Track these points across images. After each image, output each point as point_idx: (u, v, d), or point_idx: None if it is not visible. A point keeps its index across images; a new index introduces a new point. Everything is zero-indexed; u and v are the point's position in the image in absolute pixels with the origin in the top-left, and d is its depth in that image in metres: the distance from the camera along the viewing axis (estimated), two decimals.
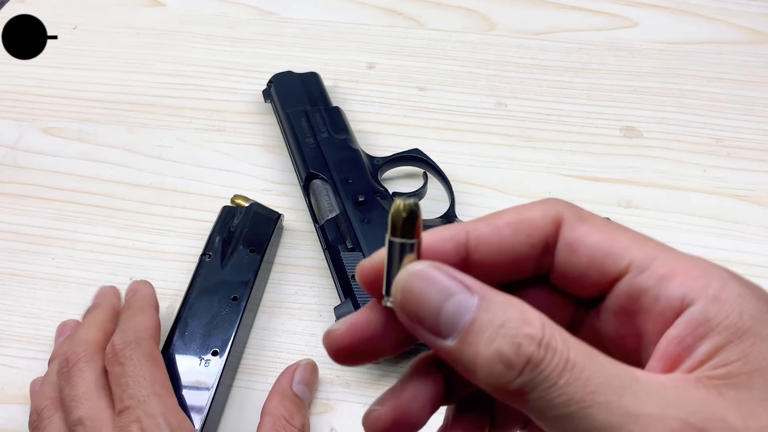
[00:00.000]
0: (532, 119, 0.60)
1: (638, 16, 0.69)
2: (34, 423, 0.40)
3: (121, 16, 0.71)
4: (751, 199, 0.54)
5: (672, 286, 0.23)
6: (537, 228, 0.25)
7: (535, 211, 0.25)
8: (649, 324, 0.23)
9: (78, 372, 0.40)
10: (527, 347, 0.20)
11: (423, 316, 0.22)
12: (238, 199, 0.52)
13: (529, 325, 0.21)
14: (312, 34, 0.68)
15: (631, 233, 0.25)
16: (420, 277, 0.22)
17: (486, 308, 0.21)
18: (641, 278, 0.23)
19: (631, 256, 0.24)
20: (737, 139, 0.58)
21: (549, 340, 0.20)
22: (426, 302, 0.22)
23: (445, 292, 0.22)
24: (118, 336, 0.41)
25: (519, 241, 0.25)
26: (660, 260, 0.23)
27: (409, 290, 0.22)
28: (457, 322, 0.21)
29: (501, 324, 0.21)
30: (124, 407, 0.38)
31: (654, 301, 0.23)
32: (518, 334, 0.20)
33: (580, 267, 0.25)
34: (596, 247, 0.24)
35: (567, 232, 0.25)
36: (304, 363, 0.44)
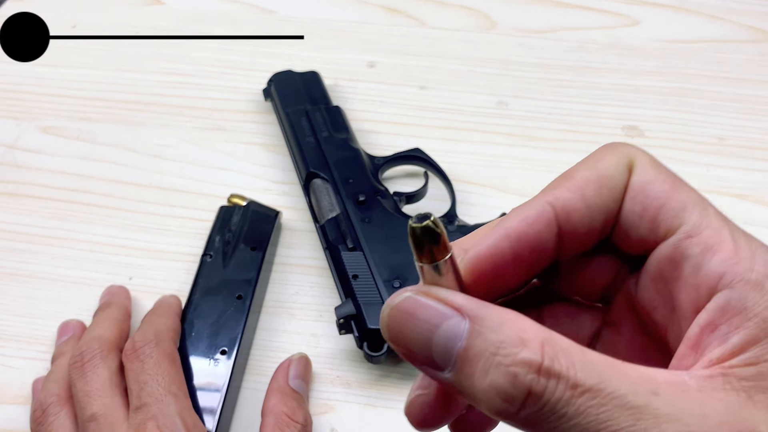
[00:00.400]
0: (534, 118, 0.60)
1: (640, 14, 0.69)
2: (38, 419, 0.40)
3: (120, 14, 0.70)
4: (753, 199, 0.54)
5: (714, 261, 0.21)
6: (616, 180, 0.23)
7: (608, 161, 0.23)
8: (683, 296, 0.21)
9: (93, 368, 0.40)
10: (524, 377, 0.18)
11: (414, 350, 0.20)
12: (235, 198, 0.52)
13: (525, 346, 0.18)
14: (312, 32, 0.68)
15: (694, 193, 0.23)
16: (402, 310, 0.20)
17: (478, 333, 0.19)
18: (687, 243, 0.21)
19: (685, 217, 0.22)
20: (740, 138, 0.58)
21: (550, 364, 0.18)
22: (414, 335, 0.20)
23: (433, 320, 0.20)
24: (139, 334, 0.41)
25: (603, 198, 0.23)
26: (713, 229, 0.21)
27: (393, 326, 0.20)
28: (450, 351, 0.19)
29: (494, 351, 0.18)
30: (142, 404, 0.38)
31: (693, 272, 0.21)
32: (513, 362, 0.18)
33: (632, 216, 0.23)
34: (654, 197, 0.22)
35: (636, 177, 0.23)
36: (296, 357, 0.44)
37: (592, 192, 0.22)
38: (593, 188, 0.22)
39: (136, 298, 0.48)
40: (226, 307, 0.45)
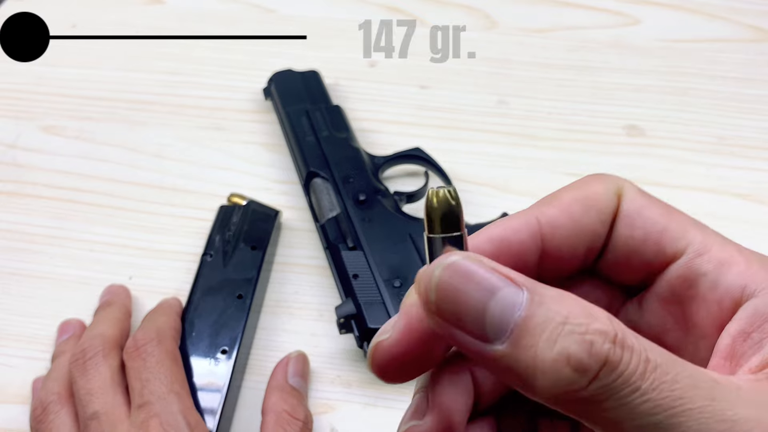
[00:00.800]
0: (535, 117, 0.60)
1: (641, 13, 0.69)
2: (38, 417, 0.40)
3: (120, 13, 0.70)
4: (753, 198, 0.54)
5: (732, 274, 0.21)
6: (604, 203, 0.23)
7: (597, 186, 0.23)
8: (701, 313, 0.22)
9: (94, 366, 0.40)
10: (601, 345, 0.17)
11: (464, 317, 0.18)
12: (235, 198, 0.52)
13: (596, 320, 0.17)
14: (312, 31, 0.67)
15: (688, 216, 0.23)
16: (457, 271, 0.19)
17: (539, 303, 0.18)
18: (699, 261, 0.22)
19: (690, 237, 0.22)
20: (740, 138, 0.58)
21: (624, 337, 0.17)
22: (466, 301, 0.18)
23: (488, 287, 0.18)
24: (141, 332, 0.41)
25: (590, 219, 0.22)
26: (720, 246, 0.22)
27: (445, 287, 0.19)
28: (507, 321, 0.18)
29: (563, 320, 0.17)
30: (144, 402, 0.38)
31: (711, 287, 0.21)
32: (588, 331, 0.17)
33: (633, 242, 0.23)
34: (654, 222, 0.22)
35: (627, 204, 0.23)
36: (294, 355, 0.44)
37: (579, 211, 0.22)
38: (580, 208, 0.23)
39: (136, 297, 0.48)
40: (226, 307, 0.45)
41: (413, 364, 0.21)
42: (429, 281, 0.19)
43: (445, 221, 0.20)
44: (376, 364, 0.21)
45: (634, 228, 0.22)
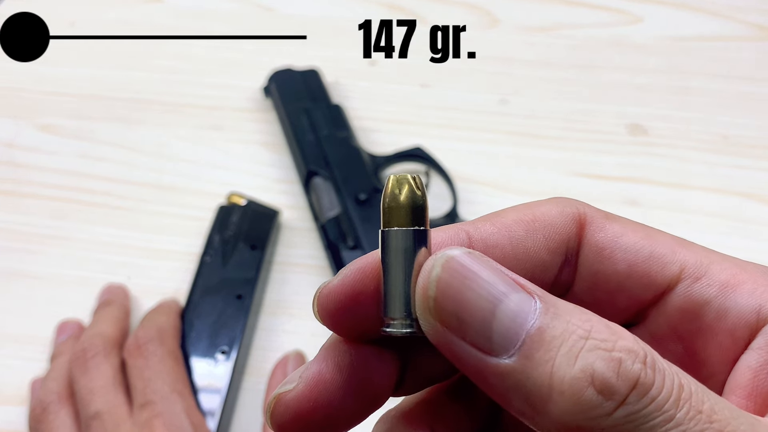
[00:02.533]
0: (536, 116, 0.59)
1: (643, 11, 0.68)
2: (38, 417, 0.39)
3: (119, 12, 0.70)
4: (757, 197, 0.53)
5: (742, 296, 0.18)
6: (555, 227, 0.19)
7: (549, 208, 0.20)
8: (710, 348, 0.19)
9: (96, 365, 0.40)
10: (631, 365, 0.14)
11: (468, 322, 0.16)
12: (234, 197, 0.51)
13: (622, 337, 0.15)
14: (312, 30, 0.67)
15: (669, 234, 0.20)
16: (460, 269, 0.16)
17: (555, 313, 0.15)
18: (699, 287, 0.18)
19: (682, 259, 0.19)
20: (744, 137, 0.57)
21: (654, 359, 0.15)
22: (471, 303, 0.16)
23: (495, 291, 0.16)
24: (142, 331, 0.41)
25: (535, 244, 0.19)
26: (717, 264, 0.19)
27: (448, 287, 0.16)
28: (518, 331, 0.15)
29: (584, 334, 0.15)
30: (147, 401, 0.37)
31: (719, 316, 0.18)
32: (615, 347, 0.15)
33: (616, 277, 0.19)
34: (637, 250, 0.19)
35: (594, 234, 0.19)
36: (293, 355, 0.44)
37: (521, 233, 0.19)
38: (523, 229, 0.19)
39: (135, 297, 0.48)
40: (225, 307, 0.45)
41: (324, 425, 0.18)
42: (429, 271, 0.16)
43: (408, 215, 0.17)
44: (276, 423, 0.18)
45: (615, 262, 0.19)
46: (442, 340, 0.16)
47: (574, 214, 0.20)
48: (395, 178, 0.17)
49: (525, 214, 0.20)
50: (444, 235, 0.19)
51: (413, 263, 0.17)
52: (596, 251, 0.19)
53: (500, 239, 0.19)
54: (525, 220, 0.19)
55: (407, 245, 0.17)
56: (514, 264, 0.19)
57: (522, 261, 0.19)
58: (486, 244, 0.19)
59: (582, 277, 0.20)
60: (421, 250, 0.17)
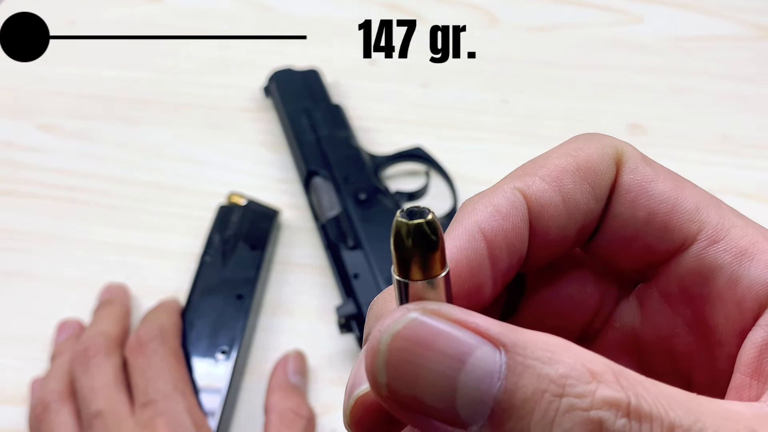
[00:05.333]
0: (537, 116, 0.59)
1: (643, 11, 0.68)
2: (39, 416, 0.39)
3: (119, 11, 0.70)
4: (758, 198, 0.53)
5: (756, 267, 0.17)
6: (599, 173, 0.18)
7: (591, 151, 0.18)
8: (718, 316, 0.18)
9: (98, 363, 0.39)
10: (613, 424, 0.13)
11: (428, 400, 0.14)
12: (234, 197, 0.51)
13: (600, 381, 0.13)
14: (312, 29, 0.67)
15: (701, 190, 0.19)
16: (411, 340, 0.14)
17: (522, 367, 0.13)
18: (715, 250, 0.17)
19: (704, 218, 0.18)
20: (744, 137, 0.57)
21: (638, 403, 0.13)
22: (430, 378, 0.14)
23: (457, 353, 0.14)
24: (143, 329, 0.41)
25: (584, 195, 0.18)
26: (739, 229, 0.18)
27: (399, 366, 0.14)
28: (484, 397, 0.13)
29: (558, 390, 0.13)
30: (149, 400, 0.37)
31: (730, 284, 0.17)
32: (593, 403, 0.13)
33: (634, 223, 0.18)
34: (661, 199, 0.18)
35: (628, 176, 0.18)
36: (293, 354, 0.44)
37: (570, 185, 0.18)
38: (572, 180, 0.18)
39: (135, 297, 0.48)
40: (225, 307, 0.45)
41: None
42: (375, 356, 0.14)
43: (421, 262, 0.15)
44: (357, 425, 0.17)
45: (637, 207, 0.18)
46: (405, 419, 0.15)
47: (614, 154, 0.19)
48: (402, 223, 0.15)
49: (568, 162, 0.18)
50: (505, 201, 0.18)
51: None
52: (625, 194, 0.18)
53: (553, 196, 0.18)
54: (570, 170, 0.18)
55: (417, 294, 0.15)
56: (567, 220, 0.18)
57: (573, 215, 0.18)
58: (541, 204, 0.18)
59: (609, 218, 0.19)
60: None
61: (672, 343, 0.19)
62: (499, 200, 0.18)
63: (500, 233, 0.18)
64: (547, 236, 0.18)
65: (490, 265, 0.18)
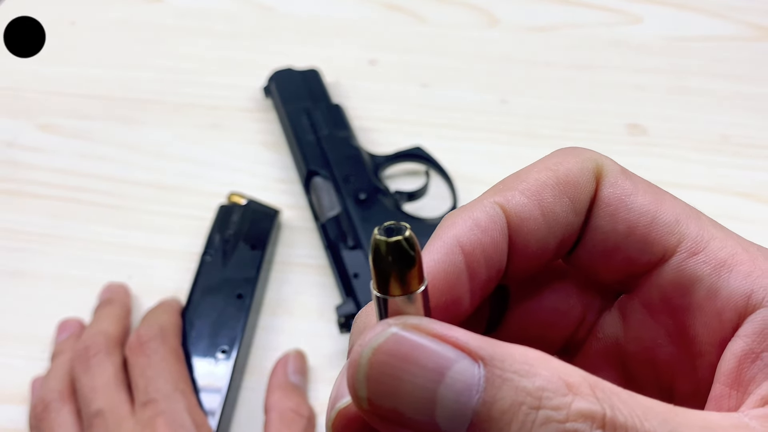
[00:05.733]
0: (536, 116, 0.59)
1: (643, 11, 0.69)
2: (39, 415, 0.39)
3: (119, 11, 0.70)
4: (757, 198, 0.53)
5: (735, 278, 0.17)
6: (579, 187, 0.19)
7: (571, 166, 0.19)
8: (698, 327, 0.18)
9: (98, 362, 0.40)
10: None
11: (408, 413, 0.14)
12: (235, 197, 0.51)
13: (576, 393, 0.13)
14: (312, 29, 0.67)
15: (681, 202, 0.19)
16: (392, 354, 0.14)
17: (501, 380, 0.14)
18: (694, 262, 0.18)
19: (684, 230, 0.18)
20: (743, 137, 0.57)
21: (613, 415, 0.13)
22: (411, 391, 0.14)
23: (436, 366, 0.14)
24: (144, 328, 0.41)
25: (563, 209, 0.18)
26: (718, 241, 0.18)
27: (380, 380, 0.14)
28: (463, 412, 0.14)
29: (535, 403, 0.13)
30: (149, 399, 0.37)
31: (709, 295, 0.17)
32: (569, 415, 0.13)
33: (614, 236, 0.19)
34: (641, 212, 0.18)
35: (608, 190, 0.19)
36: (293, 353, 0.44)
37: (550, 199, 0.18)
38: (551, 195, 0.18)
39: (136, 297, 0.48)
40: (226, 307, 0.45)
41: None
42: (356, 370, 0.14)
43: (399, 278, 0.15)
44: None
45: (617, 220, 0.18)
46: (385, 430, 0.15)
47: (593, 168, 0.19)
48: (381, 240, 0.15)
49: (548, 176, 0.19)
50: (484, 215, 0.18)
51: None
52: (603, 207, 0.19)
53: (533, 210, 0.18)
54: (550, 184, 0.19)
55: (395, 309, 0.16)
56: (546, 233, 0.18)
57: (553, 228, 0.18)
58: (520, 218, 0.18)
59: (589, 231, 0.19)
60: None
61: (654, 353, 0.19)
62: (479, 214, 0.18)
63: (478, 246, 0.18)
64: (527, 249, 0.19)
65: (468, 277, 0.18)
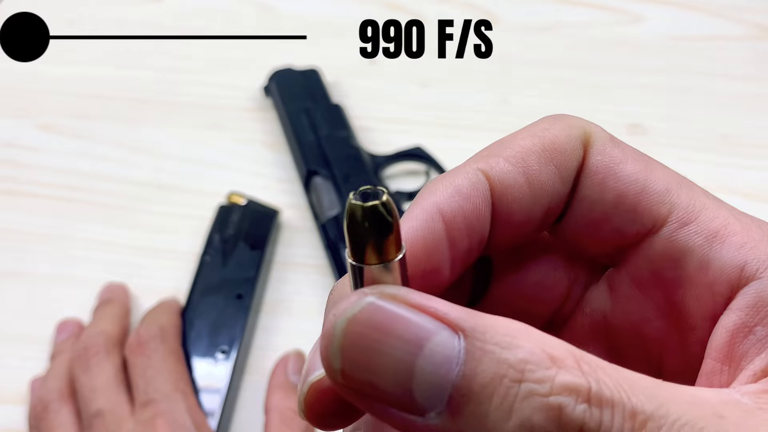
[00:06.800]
0: (536, 116, 0.59)
1: (643, 11, 0.68)
2: (38, 415, 0.39)
3: (118, 11, 0.70)
4: (757, 197, 0.53)
5: (728, 249, 0.16)
6: (566, 154, 0.18)
7: (557, 132, 0.18)
8: (690, 300, 0.17)
9: (98, 362, 0.39)
10: (573, 410, 0.13)
11: (384, 386, 0.13)
12: (234, 197, 0.51)
13: (561, 366, 0.13)
14: (312, 29, 0.67)
15: (670, 171, 0.18)
16: (367, 324, 0.14)
17: (482, 352, 0.13)
18: (685, 233, 0.17)
19: (674, 200, 0.17)
20: (744, 136, 0.57)
21: (599, 389, 0.13)
22: (386, 363, 0.13)
23: (414, 338, 0.13)
24: (143, 328, 0.41)
25: (549, 176, 0.18)
26: (710, 211, 0.17)
27: (354, 350, 0.14)
28: (442, 383, 0.13)
29: (517, 375, 0.13)
30: (149, 400, 0.37)
31: (701, 266, 0.17)
32: (553, 389, 0.13)
33: (602, 206, 0.18)
34: (630, 181, 0.18)
35: (596, 158, 0.18)
36: (293, 354, 0.44)
37: (535, 166, 0.18)
38: (537, 162, 0.18)
39: (135, 297, 0.48)
40: (225, 307, 0.45)
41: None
42: (330, 341, 0.14)
43: (376, 246, 0.15)
44: (311, 411, 0.16)
45: (605, 189, 0.18)
46: (360, 405, 0.14)
47: (581, 136, 0.19)
48: (356, 205, 0.15)
49: (534, 143, 0.18)
50: (466, 182, 0.18)
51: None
52: (591, 175, 0.18)
53: (517, 177, 0.18)
54: (536, 151, 0.18)
55: (372, 278, 0.15)
56: (531, 201, 0.18)
57: (538, 196, 0.18)
58: (504, 185, 0.18)
59: (577, 201, 0.18)
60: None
61: (643, 328, 0.19)
62: (460, 181, 0.18)
63: (459, 214, 0.17)
64: (511, 218, 0.18)
65: (448, 246, 0.17)
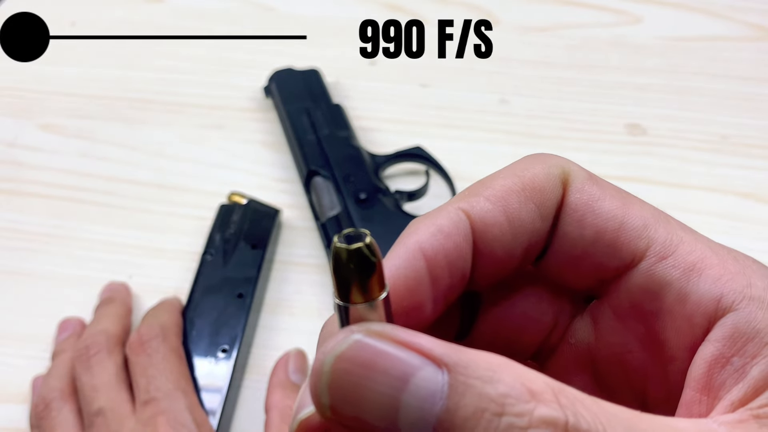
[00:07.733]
0: (536, 116, 0.60)
1: (643, 12, 0.69)
2: (40, 414, 0.39)
3: (120, 11, 0.70)
4: (756, 197, 0.53)
5: (705, 282, 0.17)
6: (545, 193, 0.19)
7: (536, 171, 0.19)
8: (669, 332, 0.18)
9: (99, 361, 0.40)
10: None
11: (371, 420, 0.14)
12: (235, 197, 0.52)
13: (539, 400, 0.13)
14: (312, 29, 0.67)
15: (648, 206, 0.19)
16: (354, 361, 0.14)
17: (465, 386, 0.14)
18: (663, 267, 0.18)
19: (652, 234, 0.18)
20: (743, 137, 0.57)
21: (576, 422, 0.13)
22: (373, 398, 0.14)
23: (399, 373, 0.14)
24: (145, 327, 0.41)
25: (529, 214, 0.18)
26: (687, 245, 0.18)
27: (342, 387, 0.14)
28: (426, 418, 0.14)
29: (498, 409, 0.13)
30: (150, 398, 0.37)
31: (679, 300, 0.17)
32: (531, 422, 0.13)
33: (582, 243, 0.19)
34: (608, 217, 0.18)
35: (575, 195, 0.19)
36: (294, 352, 0.44)
37: (515, 205, 0.18)
38: (517, 200, 0.18)
39: (136, 296, 0.48)
40: (226, 306, 0.45)
41: None
42: (318, 378, 0.14)
43: (360, 285, 0.15)
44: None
45: (584, 226, 0.18)
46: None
47: (560, 174, 0.19)
48: (341, 247, 0.15)
49: (514, 182, 0.19)
50: (447, 221, 0.18)
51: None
52: (570, 213, 0.19)
53: (497, 216, 0.18)
54: (516, 190, 0.19)
55: (357, 316, 0.16)
56: (512, 239, 0.18)
57: (518, 234, 0.18)
58: (485, 224, 0.18)
59: (557, 238, 0.19)
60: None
61: (626, 358, 0.19)
62: (442, 220, 0.18)
63: (441, 252, 0.18)
64: (493, 255, 0.19)
65: (430, 283, 0.18)
